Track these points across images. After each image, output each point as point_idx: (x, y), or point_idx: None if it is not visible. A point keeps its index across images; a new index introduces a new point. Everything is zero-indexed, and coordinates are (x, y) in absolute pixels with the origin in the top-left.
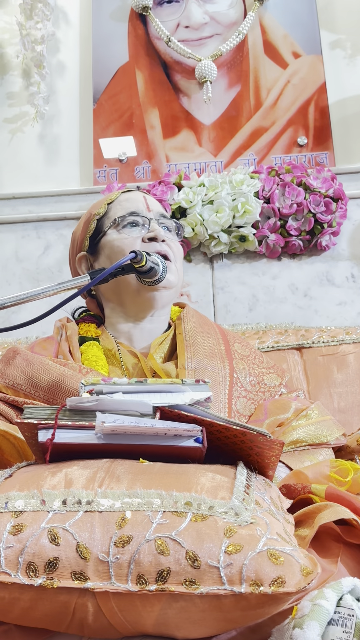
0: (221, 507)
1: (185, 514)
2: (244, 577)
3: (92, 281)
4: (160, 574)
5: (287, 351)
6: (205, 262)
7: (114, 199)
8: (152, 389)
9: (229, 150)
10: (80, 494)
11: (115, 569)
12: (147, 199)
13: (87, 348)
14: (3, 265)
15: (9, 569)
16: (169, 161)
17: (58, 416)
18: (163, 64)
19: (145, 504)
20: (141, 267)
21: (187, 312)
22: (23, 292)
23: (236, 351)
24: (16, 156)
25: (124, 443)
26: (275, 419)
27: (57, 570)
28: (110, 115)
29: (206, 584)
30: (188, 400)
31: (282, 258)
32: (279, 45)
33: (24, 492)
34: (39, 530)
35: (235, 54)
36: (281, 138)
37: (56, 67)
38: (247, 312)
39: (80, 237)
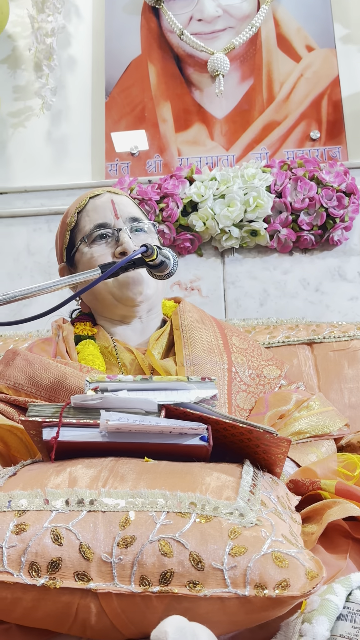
0: (226, 507)
1: (189, 514)
2: (248, 580)
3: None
4: (164, 575)
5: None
6: (216, 256)
7: (83, 206)
8: (158, 386)
9: (241, 144)
10: (83, 494)
11: (119, 570)
12: (115, 202)
13: (83, 347)
14: (14, 259)
15: (11, 568)
16: (180, 155)
17: (62, 414)
18: (175, 57)
19: (149, 504)
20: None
21: (183, 307)
22: (34, 285)
23: (234, 344)
24: (28, 149)
25: (129, 441)
26: (277, 411)
27: (59, 570)
28: (122, 108)
29: (210, 586)
30: (194, 398)
31: (293, 253)
32: (293, 38)
33: (27, 491)
34: (42, 529)
35: (248, 47)
36: (294, 132)
37: (68, 61)
38: (258, 306)
39: (59, 246)
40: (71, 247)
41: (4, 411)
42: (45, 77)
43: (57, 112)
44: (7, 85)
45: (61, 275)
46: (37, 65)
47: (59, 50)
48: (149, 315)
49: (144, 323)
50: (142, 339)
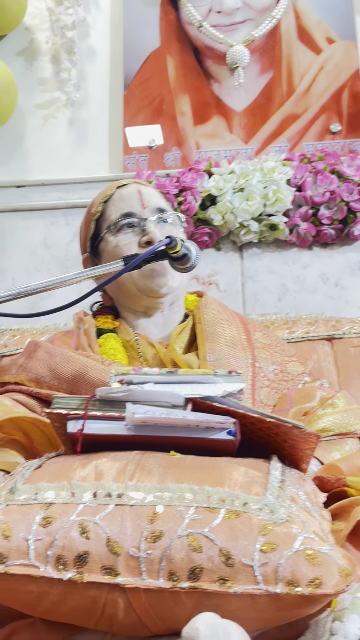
0: (255, 503)
1: (218, 509)
2: (280, 577)
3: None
4: (193, 571)
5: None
6: (235, 250)
7: (109, 196)
8: (184, 379)
9: (260, 137)
10: (110, 487)
11: (147, 565)
12: (142, 193)
13: (104, 341)
14: (32, 252)
15: (38, 562)
16: (199, 148)
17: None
18: (194, 49)
19: (177, 499)
20: (175, 253)
21: (205, 302)
22: (56, 277)
23: (257, 340)
24: (46, 142)
25: (155, 435)
26: (301, 407)
27: (87, 564)
28: (140, 101)
29: (240, 583)
30: (220, 392)
31: (313, 247)
32: (313, 30)
33: (53, 484)
34: (69, 523)
35: (268, 40)
36: (314, 125)
37: (86, 53)
38: (276, 301)
39: (83, 237)
40: (96, 236)
41: (26, 403)
42: (68, 71)
43: (75, 105)
44: (25, 78)
45: (84, 266)
46: (55, 58)
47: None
48: (172, 308)
49: (166, 317)
50: (164, 333)
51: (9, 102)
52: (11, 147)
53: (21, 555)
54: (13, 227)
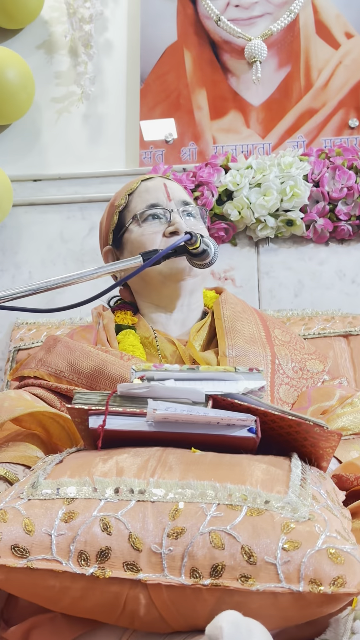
0: (278, 501)
1: (240, 507)
2: (302, 576)
3: (145, 263)
4: (215, 568)
5: (334, 338)
6: (251, 246)
7: (134, 188)
8: (205, 376)
9: (278, 132)
10: (132, 483)
11: (169, 561)
12: (167, 186)
13: (123, 337)
14: (48, 246)
15: (60, 557)
16: (215, 143)
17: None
18: (212, 43)
19: (199, 496)
20: (194, 249)
21: (225, 298)
22: (75, 273)
23: (276, 337)
24: (62, 136)
25: (175, 431)
26: (319, 406)
27: (109, 560)
28: (157, 95)
29: (262, 581)
30: (242, 389)
31: (329, 243)
32: (331, 25)
33: (75, 479)
34: (91, 518)
35: (286, 34)
36: (332, 120)
37: (103, 47)
38: (292, 297)
39: (105, 229)
40: (119, 228)
41: (45, 398)
42: (84, 65)
43: (92, 99)
44: (43, 71)
45: (105, 258)
46: (73, 52)
47: (96, 35)
48: (191, 299)
49: (185, 313)
50: (182, 330)
51: (26, 96)
52: (28, 141)
53: (44, 550)
54: (30, 221)
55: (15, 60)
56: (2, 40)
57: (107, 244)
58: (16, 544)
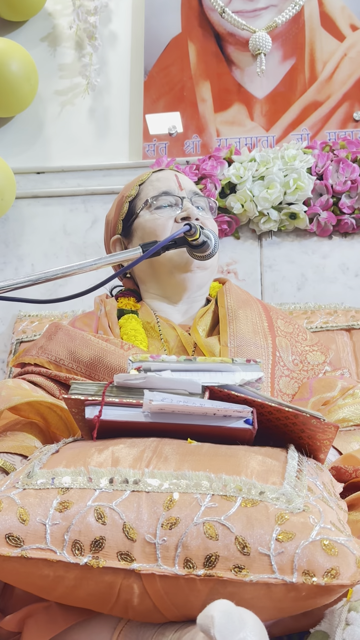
0: (272, 492)
1: (234, 498)
2: (296, 567)
3: (145, 253)
4: (209, 558)
5: (336, 332)
6: (254, 239)
7: (145, 179)
8: (202, 367)
9: (282, 125)
10: (127, 473)
11: (162, 552)
12: (179, 177)
13: (125, 322)
14: (51, 238)
15: (54, 546)
16: (219, 135)
17: (105, 393)
18: (216, 35)
19: (193, 486)
20: (194, 241)
21: (229, 287)
22: (75, 264)
23: (279, 328)
24: (66, 129)
25: (172, 422)
26: (321, 397)
27: (103, 549)
28: (160, 88)
29: (256, 572)
30: (238, 381)
31: (333, 237)
32: (336, 17)
33: (70, 469)
34: (86, 508)
35: (291, 26)
36: (336, 113)
37: (108, 39)
38: (295, 291)
39: (113, 220)
40: (129, 216)
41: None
42: (89, 56)
43: (95, 92)
44: (47, 63)
45: (113, 248)
46: (78, 44)
47: (100, 27)
48: (197, 293)
49: (189, 304)
50: (185, 317)
51: (29, 88)
52: (31, 134)
53: (38, 540)
54: (32, 214)
55: (19, 52)
56: (6, 32)
57: (115, 233)
58: (10, 533)
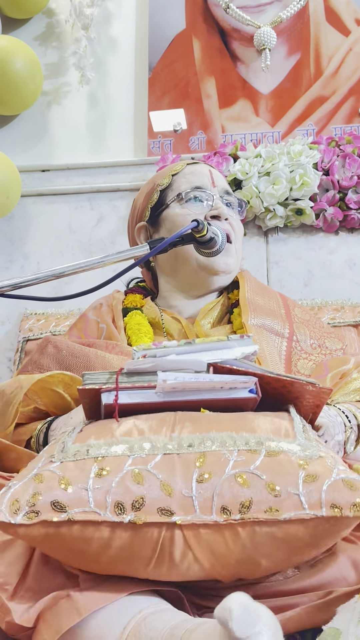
0: (290, 444)
1: (258, 451)
2: (324, 502)
3: (151, 251)
4: (243, 504)
5: (344, 328)
6: (260, 235)
7: (178, 170)
8: (202, 348)
9: (287, 120)
10: (156, 439)
11: (200, 503)
12: (212, 173)
13: (130, 318)
14: (56, 236)
15: (98, 508)
16: (224, 131)
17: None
18: (221, 31)
19: (219, 444)
20: (202, 237)
21: (247, 276)
22: (82, 261)
23: (296, 315)
24: (70, 126)
25: (182, 399)
26: (337, 371)
27: (143, 507)
28: (165, 84)
29: (288, 510)
30: (239, 355)
31: (339, 232)
32: (341, 12)
33: (102, 441)
34: (123, 472)
35: (296, 21)
36: (342, 108)
37: (111, 36)
38: (302, 287)
39: (141, 206)
40: (159, 206)
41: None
42: (83, 48)
43: (99, 89)
44: (51, 61)
45: (137, 235)
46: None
47: (101, 24)
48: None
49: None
50: (195, 310)
51: (33, 86)
52: (36, 131)
53: (82, 504)
54: (38, 212)
55: (23, 50)
56: (10, 30)
57: (141, 220)
58: (56, 500)
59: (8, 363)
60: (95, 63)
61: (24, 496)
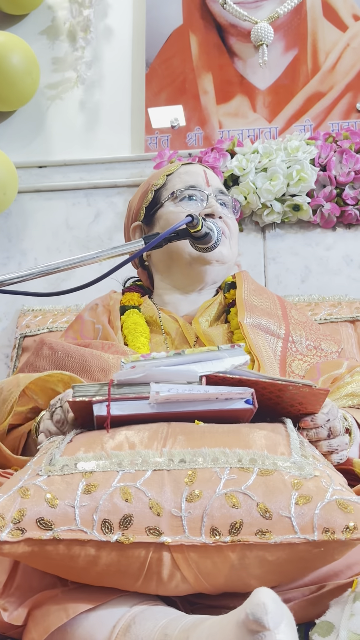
0: (284, 462)
1: (251, 469)
2: (316, 526)
3: (146, 246)
4: (233, 525)
5: (341, 324)
6: (257, 231)
7: (173, 170)
8: (191, 359)
9: (284, 116)
10: (146, 454)
11: (189, 523)
12: (207, 173)
13: (127, 317)
14: (54, 233)
15: (84, 526)
16: (221, 127)
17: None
18: (218, 27)
19: (211, 461)
20: (196, 232)
21: (245, 276)
22: (77, 257)
23: (293, 317)
24: (67, 122)
25: (176, 411)
26: (329, 375)
27: (131, 526)
28: (162, 80)
29: (279, 533)
30: (229, 367)
31: (336, 228)
32: (339, 7)
33: (90, 454)
34: (111, 489)
35: (293, 17)
36: (339, 103)
37: (108, 31)
38: (299, 283)
39: (136, 206)
40: (153, 205)
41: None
42: (81, 49)
43: (96, 84)
44: (48, 57)
45: (132, 234)
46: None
47: (98, 21)
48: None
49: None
50: (192, 308)
51: (30, 81)
52: (33, 127)
53: (68, 521)
54: (35, 208)
55: (20, 45)
56: (7, 26)
57: (136, 220)
58: (41, 517)
59: (5, 360)
60: (92, 59)
61: (9, 512)
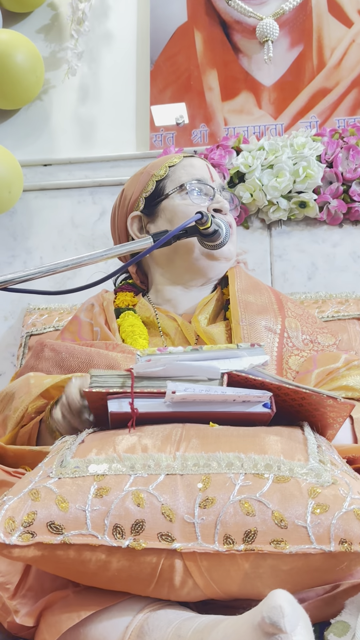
0: (301, 468)
1: (266, 476)
2: (333, 536)
3: (156, 243)
4: (247, 534)
5: (348, 321)
6: (263, 228)
7: (176, 162)
8: (209, 356)
9: (290, 113)
10: (159, 458)
11: (202, 530)
12: (209, 168)
13: (123, 320)
14: (59, 231)
15: (95, 531)
16: (227, 124)
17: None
18: (223, 23)
19: (225, 467)
20: (206, 229)
21: (238, 271)
22: (85, 254)
23: (289, 309)
24: (72, 120)
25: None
26: (325, 368)
27: (143, 531)
28: (167, 77)
29: (295, 543)
30: (247, 366)
31: (343, 225)
32: (344, 3)
33: (102, 456)
34: (123, 493)
35: (298, 13)
36: (345, 99)
37: (112, 29)
38: (305, 280)
39: (133, 196)
40: (155, 196)
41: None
42: (83, 42)
43: (101, 82)
44: (51, 55)
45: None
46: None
47: (103, 18)
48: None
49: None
50: (191, 304)
51: (35, 79)
52: (37, 126)
53: (79, 526)
54: (40, 206)
55: (24, 43)
56: (11, 24)
57: (133, 209)
58: (52, 521)
59: (12, 358)
60: (96, 57)
61: (19, 514)
